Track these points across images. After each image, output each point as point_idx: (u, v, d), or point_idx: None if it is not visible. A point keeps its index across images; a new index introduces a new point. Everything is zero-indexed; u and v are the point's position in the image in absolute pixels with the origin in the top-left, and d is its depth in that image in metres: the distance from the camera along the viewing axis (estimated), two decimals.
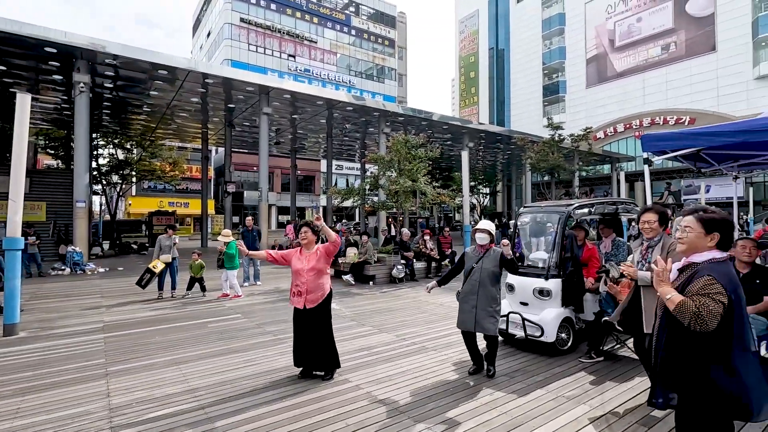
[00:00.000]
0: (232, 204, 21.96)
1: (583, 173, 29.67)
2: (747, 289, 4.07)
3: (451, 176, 35.95)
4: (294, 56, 43.74)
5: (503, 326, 4.92)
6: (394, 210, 12.83)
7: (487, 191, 42.52)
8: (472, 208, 39.49)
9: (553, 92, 53.55)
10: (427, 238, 11.68)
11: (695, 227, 2.13)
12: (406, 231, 11.77)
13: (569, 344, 4.89)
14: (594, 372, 4.27)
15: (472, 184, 38.61)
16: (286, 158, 32.41)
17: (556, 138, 21.85)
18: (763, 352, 4.25)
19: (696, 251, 2.14)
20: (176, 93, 16.65)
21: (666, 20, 43.53)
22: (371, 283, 10.16)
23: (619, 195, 23.82)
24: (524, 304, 5.01)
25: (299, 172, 41.51)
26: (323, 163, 35.51)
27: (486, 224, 4.24)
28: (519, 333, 4.92)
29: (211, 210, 36.17)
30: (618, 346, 5.00)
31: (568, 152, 22.87)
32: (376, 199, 14.93)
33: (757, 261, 3.82)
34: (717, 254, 2.10)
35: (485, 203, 40.87)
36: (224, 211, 22.09)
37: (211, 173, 38.67)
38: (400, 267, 10.37)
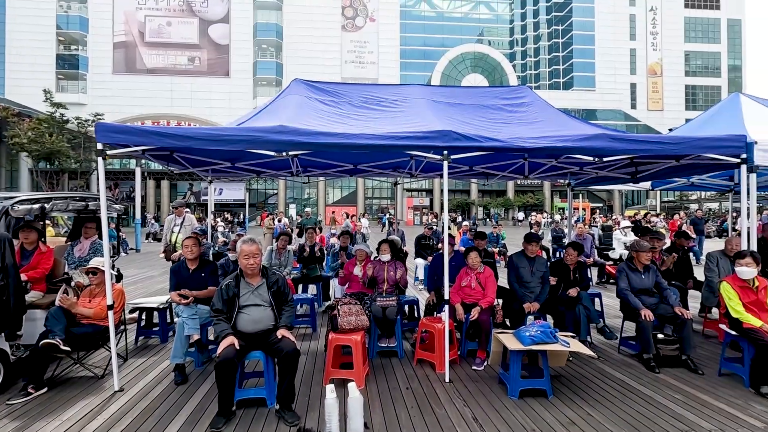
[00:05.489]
0: None
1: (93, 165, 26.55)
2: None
3: None
4: None
5: None
6: None
7: None
8: None
9: (72, 66, 45.70)
10: None
11: None
12: None
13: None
14: (22, 415, 3.29)
15: None
16: None
17: (59, 118, 17.69)
18: (211, 337, 4.85)
19: None
20: None
21: (192, 35, 47.63)
22: None
23: (142, 191, 23.04)
24: None
25: None
26: None
27: None
28: None
29: None
30: (75, 364, 4.25)
31: (76, 138, 19.19)
32: None
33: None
34: None
35: None
36: None
37: None
38: None
